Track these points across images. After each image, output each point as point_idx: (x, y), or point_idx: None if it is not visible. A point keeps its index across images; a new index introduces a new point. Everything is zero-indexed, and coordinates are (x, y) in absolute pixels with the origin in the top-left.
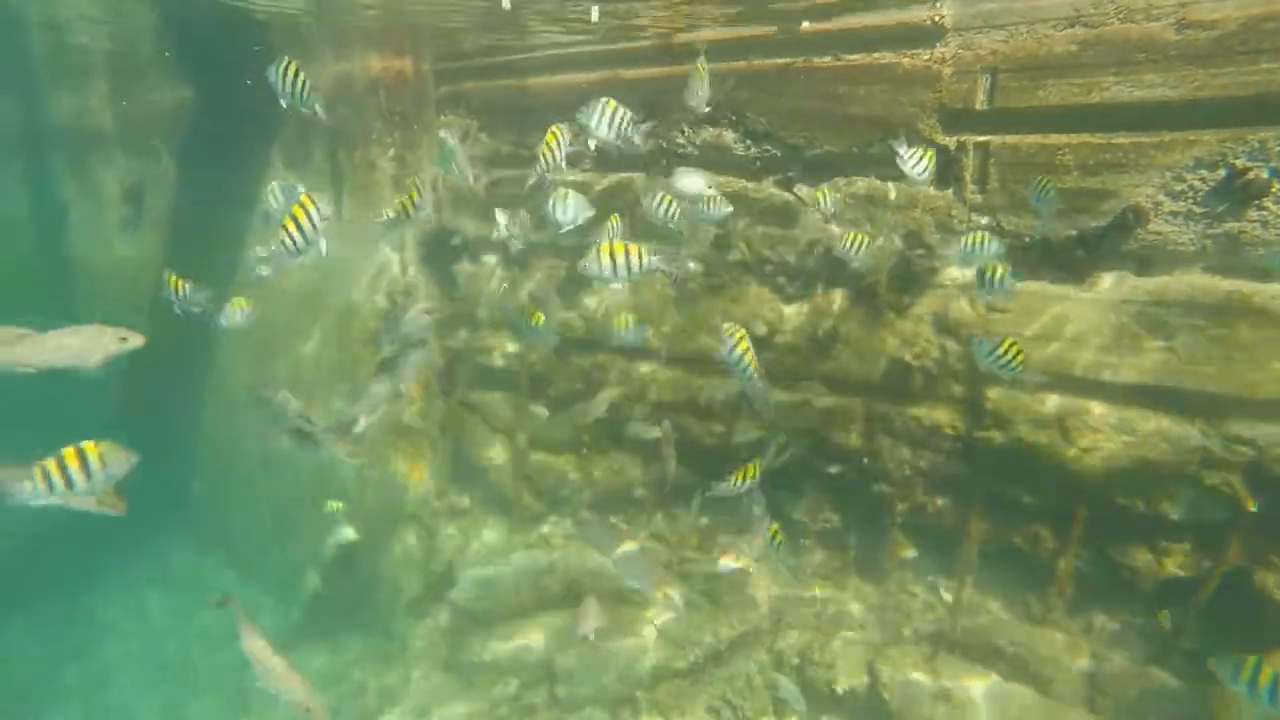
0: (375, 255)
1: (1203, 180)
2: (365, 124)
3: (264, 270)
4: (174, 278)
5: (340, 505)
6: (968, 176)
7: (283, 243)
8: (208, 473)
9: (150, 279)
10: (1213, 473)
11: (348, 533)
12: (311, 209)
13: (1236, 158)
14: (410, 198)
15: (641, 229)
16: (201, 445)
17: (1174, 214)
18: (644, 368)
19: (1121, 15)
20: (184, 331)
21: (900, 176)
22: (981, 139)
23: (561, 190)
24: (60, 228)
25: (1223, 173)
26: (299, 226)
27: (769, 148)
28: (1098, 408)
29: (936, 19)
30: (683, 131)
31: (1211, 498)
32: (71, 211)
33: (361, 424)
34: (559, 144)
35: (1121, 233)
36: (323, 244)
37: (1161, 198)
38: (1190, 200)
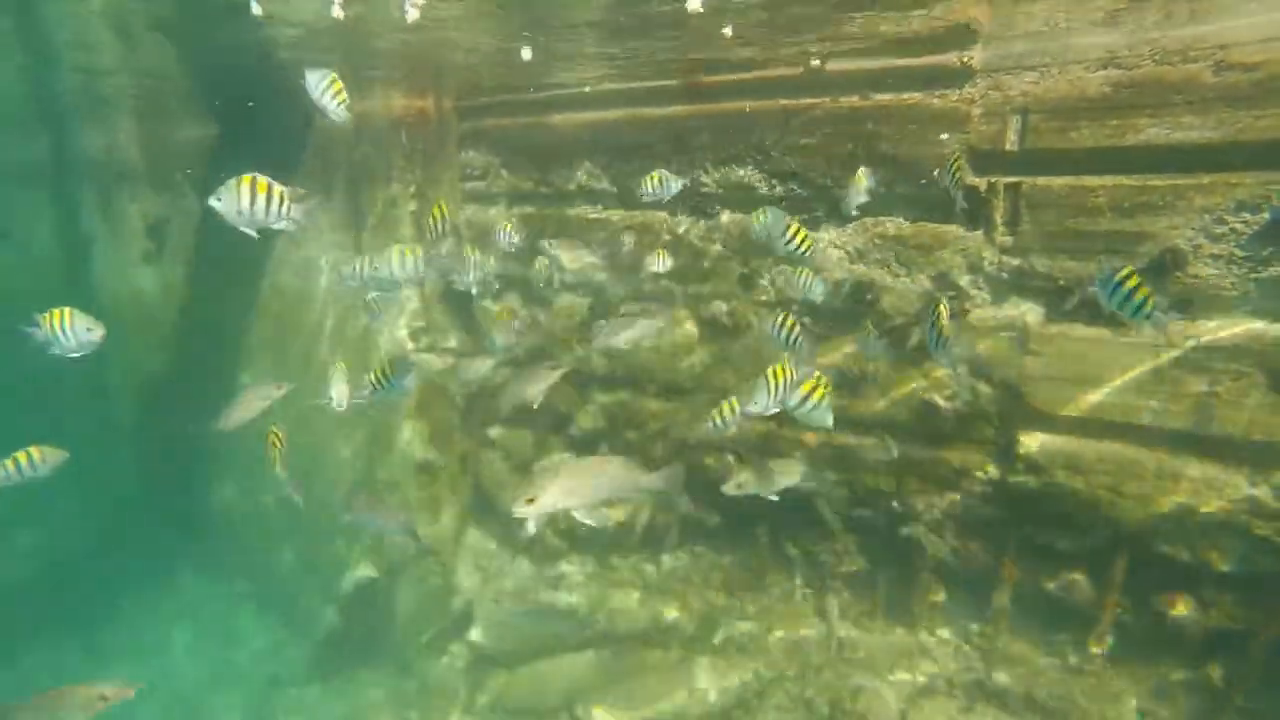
0: (396, 292)
1: (1245, 223)
2: (387, 161)
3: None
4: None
5: None
6: (998, 218)
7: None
8: (229, 505)
9: (171, 312)
10: (1263, 523)
11: (367, 569)
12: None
13: None
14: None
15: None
16: (223, 476)
17: (1215, 257)
18: (661, 404)
19: (1158, 57)
20: (207, 359)
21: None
22: (1012, 180)
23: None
24: (85, 260)
25: (1266, 216)
26: None
27: (795, 187)
28: (1137, 453)
29: (965, 59)
30: (706, 170)
31: (1262, 549)
32: (96, 244)
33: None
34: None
35: (1159, 276)
36: None
37: (1202, 241)
38: (1232, 243)
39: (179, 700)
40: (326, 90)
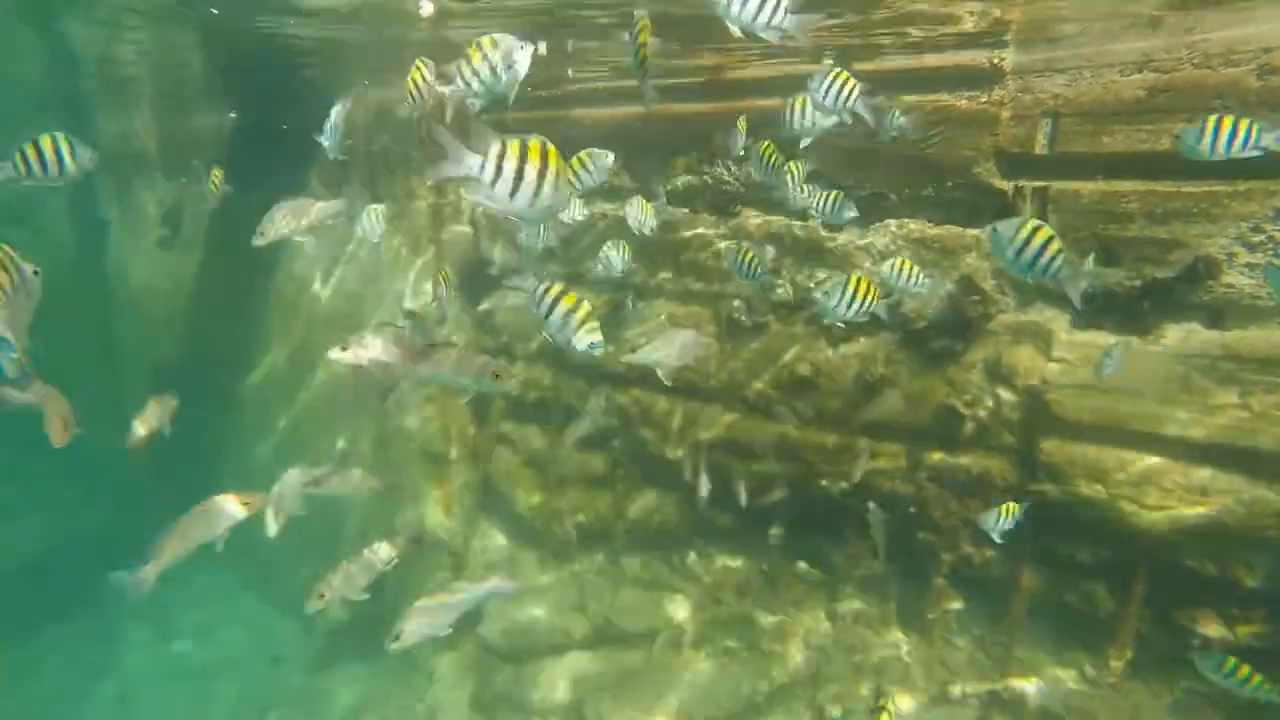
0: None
1: None
2: (405, 152)
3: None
4: None
5: None
6: None
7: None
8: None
9: (184, 296)
10: None
11: None
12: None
13: None
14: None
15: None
16: (226, 461)
17: (1251, 266)
18: (683, 405)
19: (1196, 61)
20: (215, 343)
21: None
22: (1040, 184)
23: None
24: (100, 247)
25: None
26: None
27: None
28: (1162, 463)
29: (995, 61)
30: (728, 169)
31: None
32: (112, 231)
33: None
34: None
35: (1191, 284)
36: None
37: (1237, 249)
38: (1270, 252)
39: (185, 689)
40: None
